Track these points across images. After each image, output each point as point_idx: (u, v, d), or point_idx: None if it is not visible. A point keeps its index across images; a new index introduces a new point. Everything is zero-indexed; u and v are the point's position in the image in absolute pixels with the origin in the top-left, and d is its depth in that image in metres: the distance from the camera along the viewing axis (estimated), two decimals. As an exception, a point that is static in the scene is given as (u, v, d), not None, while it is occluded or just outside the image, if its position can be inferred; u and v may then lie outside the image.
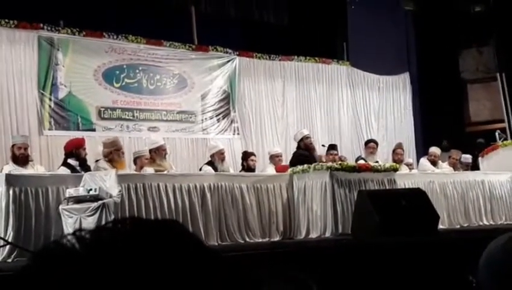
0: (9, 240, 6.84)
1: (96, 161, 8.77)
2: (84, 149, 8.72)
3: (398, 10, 14.98)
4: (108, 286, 0.67)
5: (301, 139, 10.32)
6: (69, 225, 6.98)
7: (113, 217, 7.09)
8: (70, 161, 8.45)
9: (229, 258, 0.76)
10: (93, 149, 9.25)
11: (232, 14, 13.17)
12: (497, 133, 12.89)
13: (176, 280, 0.69)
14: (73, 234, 0.73)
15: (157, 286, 0.68)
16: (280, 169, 10.33)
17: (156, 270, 0.69)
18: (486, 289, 1.32)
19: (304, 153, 9.90)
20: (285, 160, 10.96)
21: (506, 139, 12.94)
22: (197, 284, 0.70)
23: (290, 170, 9.42)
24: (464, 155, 12.17)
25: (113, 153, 8.54)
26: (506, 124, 14.85)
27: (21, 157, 8.29)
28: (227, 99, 12.50)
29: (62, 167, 8.45)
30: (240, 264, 0.75)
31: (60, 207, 7.24)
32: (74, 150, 8.58)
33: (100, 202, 7.16)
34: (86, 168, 8.43)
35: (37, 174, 7.89)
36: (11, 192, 7.09)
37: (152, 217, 7.65)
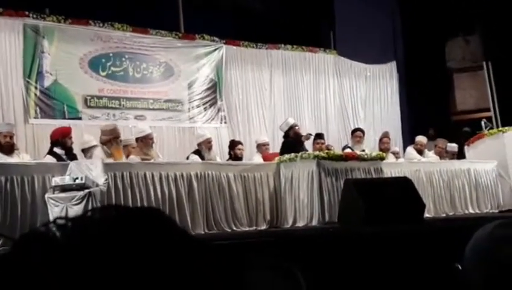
0: (-5, 229, 6.81)
1: (87, 148, 8.71)
2: (70, 138, 8.68)
3: (385, -1, 14.99)
4: (87, 275, 0.66)
5: (290, 128, 10.32)
6: (55, 214, 6.95)
7: (99, 205, 7.06)
8: (56, 149, 8.41)
9: (215, 246, 0.75)
10: (79, 138, 9.21)
11: (219, 2, 13.13)
12: (483, 122, 12.95)
13: (159, 268, 0.69)
14: (54, 222, 0.72)
15: (139, 274, 0.67)
16: (267, 157, 10.33)
17: (137, 258, 0.68)
18: (473, 277, 1.33)
19: (293, 142, 9.93)
20: (272, 148, 10.96)
21: (492, 128, 13.00)
22: (181, 272, 0.70)
23: (277, 158, 9.43)
24: (449, 144, 12.22)
25: (112, 141, 8.52)
26: (492, 113, 14.91)
27: (6, 146, 8.24)
28: (214, 88, 12.47)
29: (48, 156, 8.41)
30: (224, 252, 0.75)
31: (46, 196, 7.21)
32: (60, 139, 8.55)
33: (86, 190, 7.14)
34: (71, 157, 8.39)
35: (22, 162, 7.85)
36: (-4, 180, 7.06)
37: (139, 206, 7.63)
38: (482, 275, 1.31)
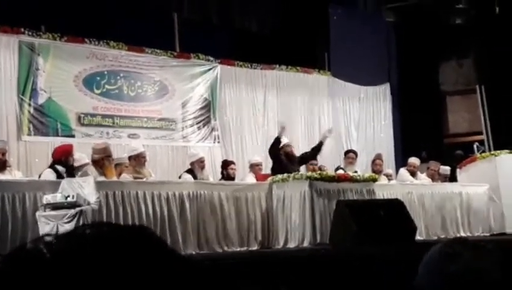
0: (-15, 246, 6.77)
1: (79, 166, 8.65)
2: (72, 156, 8.59)
3: (380, 21, 15.07)
4: None
5: (282, 148, 10.31)
6: (46, 232, 6.91)
7: (89, 222, 7.03)
8: (58, 167, 8.32)
9: (203, 265, 0.76)
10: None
11: (214, 21, 13.17)
12: (475, 146, 12.98)
13: (146, 285, 0.69)
14: (41, 239, 0.73)
15: None
16: (260, 178, 10.32)
17: (125, 276, 0.69)
18: None
19: (284, 161, 9.89)
20: (265, 169, 10.96)
21: (484, 151, 13.04)
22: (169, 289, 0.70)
23: (269, 179, 9.41)
24: (442, 167, 12.24)
25: (104, 160, 8.50)
26: (484, 137, 14.97)
27: (-2, 162, 8.21)
28: (208, 107, 12.49)
29: (49, 169, 8.26)
30: (211, 271, 0.76)
31: (37, 214, 7.17)
32: (63, 159, 8.43)
33: (78, 209, 7.10)
34: (72, 175, 8.33)
35: (14, 180, 7.82)
36: (-13, 197, 7.03)
37: (128, 224, 7.61)
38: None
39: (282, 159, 9.86)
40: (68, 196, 7.14)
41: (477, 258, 1.38)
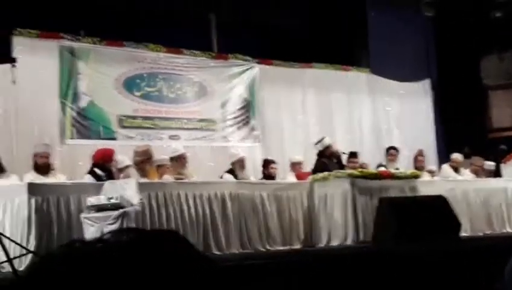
0: (31, 249, 6.88)
1: (121, 168, 8.73)
2: (112, 161, 8.67)
3: (418, 16, 14.92)
4: None
5: (326, 148, 10.24)
6: (90, 234, 6.99)
7: (133, 225, 7.11)
8: (96, 170, 8.44)
9: (228, 268, 0.76)
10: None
11: (251, 21, 13.18)
12: (519, 140, 12.77)
13: (176, 285, 0.70)
14: (70, 245, 0.73)
15: None
16: (301, 177, 10.30)
17: (157, 278, 0.69)
18: None
19: (327, 162, 9.86)
20: (306, 167, 10.92)
21: (528, 145, 12.82)
22: None
23: (310, 177, 9.40)
24: (487, 162, 12.07)
25: (144, 163, 8.59)
26: (528, 131, 14.72)
27: (43, 166, 8.34)
28: (247, 107, 12.50)
29: (88, 175, 8.42)
30: (237, 276, 0.76)
31: (82, 216, 7.26)
32: (101, 162, 8.55)
33: (121, 210, 7.17)
34: (111, 178, 8.41)
35: (58, 183, 7.93)
36: (33, 201, 7.14)
37: (173, 226, 7.67)
38: None
39: (324, 159, 9.83)
40: (111, 198, 7.22)
41: None
